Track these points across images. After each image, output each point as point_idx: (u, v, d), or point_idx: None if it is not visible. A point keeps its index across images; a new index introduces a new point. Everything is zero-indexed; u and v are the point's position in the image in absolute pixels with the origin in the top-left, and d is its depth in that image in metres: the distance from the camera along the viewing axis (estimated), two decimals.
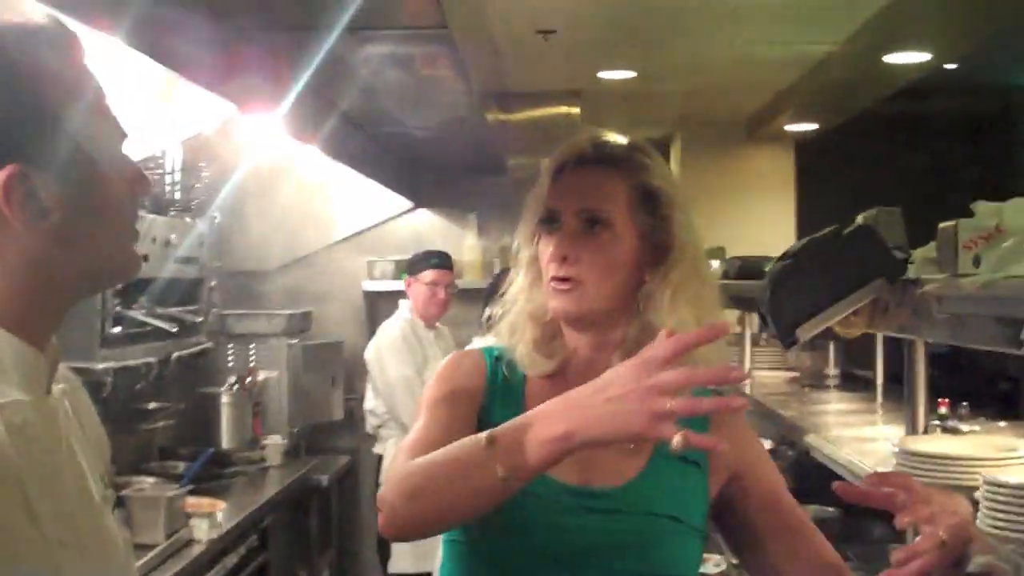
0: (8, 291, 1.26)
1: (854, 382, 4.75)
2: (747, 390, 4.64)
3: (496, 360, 1.93)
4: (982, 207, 2.14)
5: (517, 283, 1.94)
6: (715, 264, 4.97)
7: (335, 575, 6.19)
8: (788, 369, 5.11)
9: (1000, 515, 2.00)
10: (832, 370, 4.84)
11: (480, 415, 1.85)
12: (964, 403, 3.13)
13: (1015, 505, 1.95)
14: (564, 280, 1.81)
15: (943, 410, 3.00)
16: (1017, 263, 1.98)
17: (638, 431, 1.47)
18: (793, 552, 1.85)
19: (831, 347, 4.88)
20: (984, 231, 2.09)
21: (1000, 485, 2.01)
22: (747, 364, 4.73)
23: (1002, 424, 3.04)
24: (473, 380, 1.90)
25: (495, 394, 1.89)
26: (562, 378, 1.88)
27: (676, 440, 1.45)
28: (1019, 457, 2.33)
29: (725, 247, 5.19)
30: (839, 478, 2.98)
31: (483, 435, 1.58)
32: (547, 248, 1.84)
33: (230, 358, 5.83)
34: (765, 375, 4.93)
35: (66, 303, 1.34)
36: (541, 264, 1.87)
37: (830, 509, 3.90)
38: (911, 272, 2.46)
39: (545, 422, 1.53)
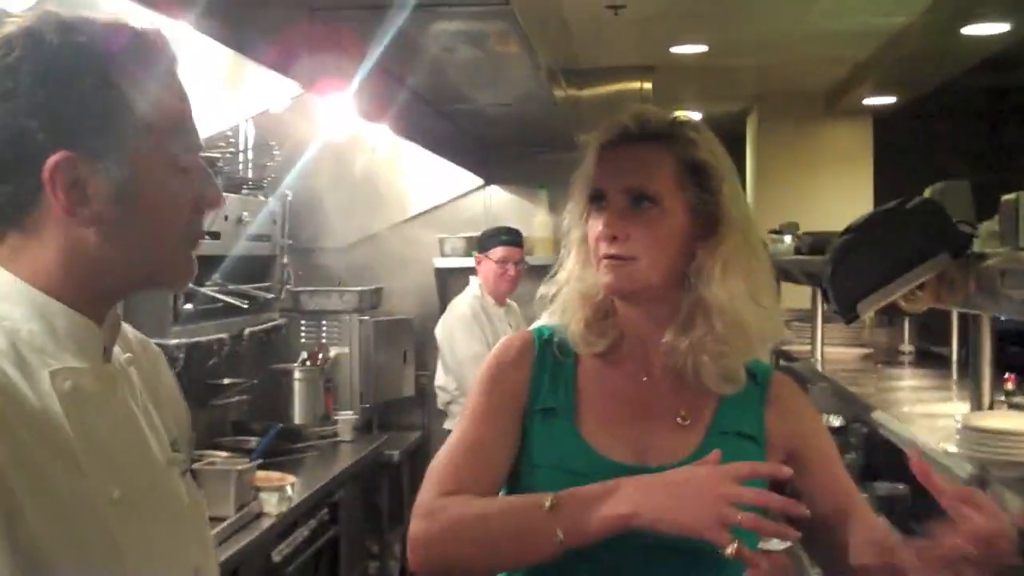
0: (60, 269, 1.32)
1: (929, 359, 4.68)
2: (818, 367, 4.59)
3: (546, 341, 1.93)
4: None
5: (568, 262, 1.94)
6: (787, 239, 4.93)
7: (407, 550, 6.23)
8: (862, 346, 5.04)
9: None
10: (907, 347, 4.77)
11: (530, 396, 1.87)
12: None
13: None
14: (615, 258, 1.80)
15: (1010, 386, 2.94)
16: None
17: (701, 531, 1.56)
18: (848, 530, 1.83)
19: (905, 323, 4.81)
20: None
21: None
22: (819, 341, 4.67)
23: None
24: (520, 366, 1.91)
25: (543, 375, 1.89)
26: (615, 356, 1.89)
27: (731, 549, 1.55)
28: None
29: (799, 222, 5.13)
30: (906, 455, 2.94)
31: (547, 498, 1.64)
32: (596, 226, 1.84)
33: (302, 334, 5.89)
34: (838, 351, 4.86)
35: (119, 290, 1.40)
36: (590, 243, 1.86)
37: (900, 486, 3.84)
38: (976, 246, 2.42)
39: (614, 499, 1.61)
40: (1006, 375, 2.93)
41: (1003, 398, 2.87)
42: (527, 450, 1.84)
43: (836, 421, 4.49)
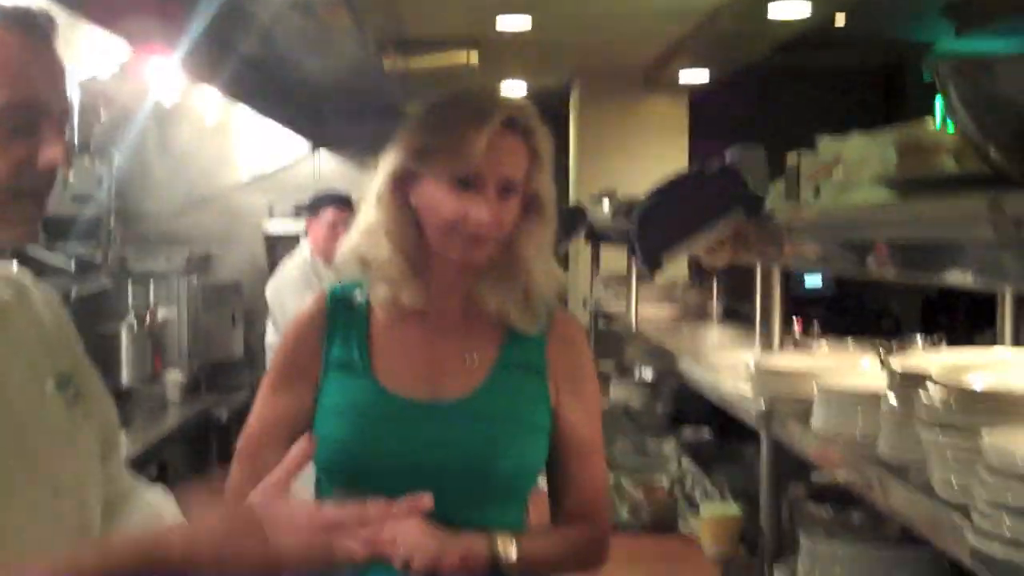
0: None
1: (736, 315, 4.97)
2: (633, 325, 4.85)
3: (339, 298, 2.06)
4: (824, 142, 2.34)
5: (377, 218, 2.00)
6: (606, 205, 5.19)
7: None
8: (673, 303, 5.33)
9: (832, 419, 2.21)
10: (715, 305, 5.07)
11: (324, 354, 2.00)
12: (815, 323, 3.38)
13: (844, 406, 2.17)
14: (480, 237, 1.94)
15: (797, 331, 3.22)
16: (850, 192, 2.18)
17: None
18: (573, 476, 2.03)
19: (714, 284, 5.11)
20: (824, 164, 2.29)
21: (830, 391, 2.23)
22: (633, 301, 4.93)
23: (849, 341, 3.25)
24: (313, 328, 2.03)
25: (336, 332, 2.02)
26: (409, 305, 2.00)
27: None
28: (856, 369, 2.54)
29: (617, 189, 5.41)
30: (714, 403, 3.19)
31: None
32: (465, 207, 1.92)
33: (130, 296, 5.90)
34: (652, 310, 5.14)
35: None
36: (447, 216, 1.94)
37: (705, 432, 4.14)
38: (767, 205, 2.67)
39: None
40: (793, 318, 3.21)
41: (791, 342, 3.14)
42: (323, 400, 1.99)
43: (648, 375, 4.77)
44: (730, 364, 3.26)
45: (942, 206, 1.74)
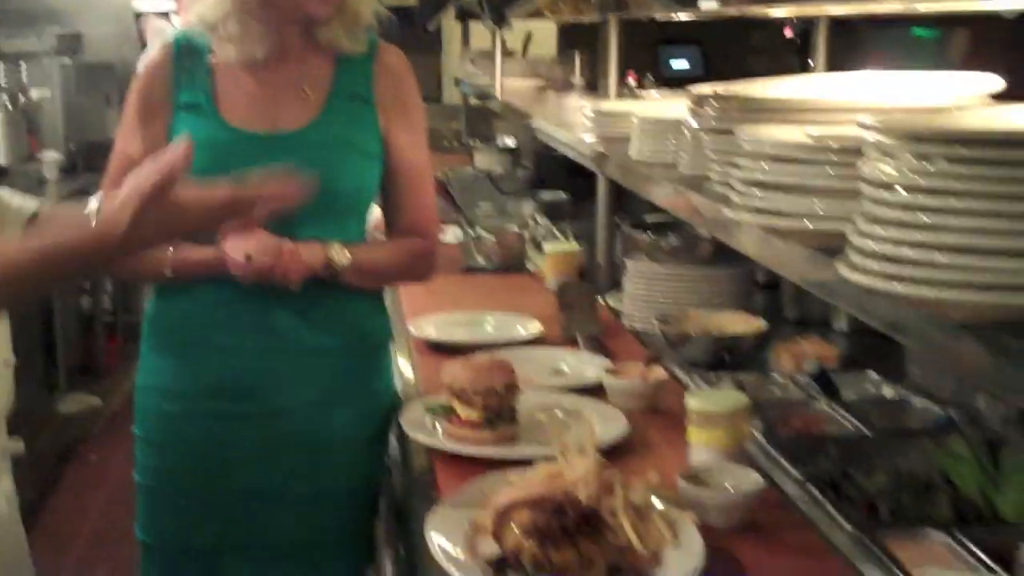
0: None
1: (597, 87, 5.18)
2: (499, 95, 5.04)
3: (183, 45, 2.20)
4: None
5: None
6: None
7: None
8: (539, 78, 5.52)
9: (647, 146, 2.46)
10: (577, 78, 5.27)
11: (172, 98, 2.16)
12: (649, 75, 3.60)
13: (658, 135, 2.41)
14: None
15: (631, 81, 3.44)
16: None
17: None
18: (403, 198, 2.24)
19: (576, 58, 5.31)
20: None
21: (644, 121, 2.47)
22: (498, 73, 5.11)
23: (678, 92, 3.48)
24: (160, 74, 2.18)
25: (182, 76, 2.17)
26: (249, 47, 2.15)
27: None
28: (673, 107, 2.77)
29: None
30: (574, 166, 3.41)
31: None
32: None
33: (2, 77, 5.89)
34: (518, 83, 5.33)
35: None
36: None
37: (562, 194, 4.39)
38: None
39: None
40: (627, 71, 3.42)
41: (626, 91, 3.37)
42: (174, 139, 2.11)
43: (511, 142, 4.99)
44: (575, 120, 3.48)
45: None
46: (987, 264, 1.13)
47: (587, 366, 2.46)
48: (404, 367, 2.59)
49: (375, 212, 2.33)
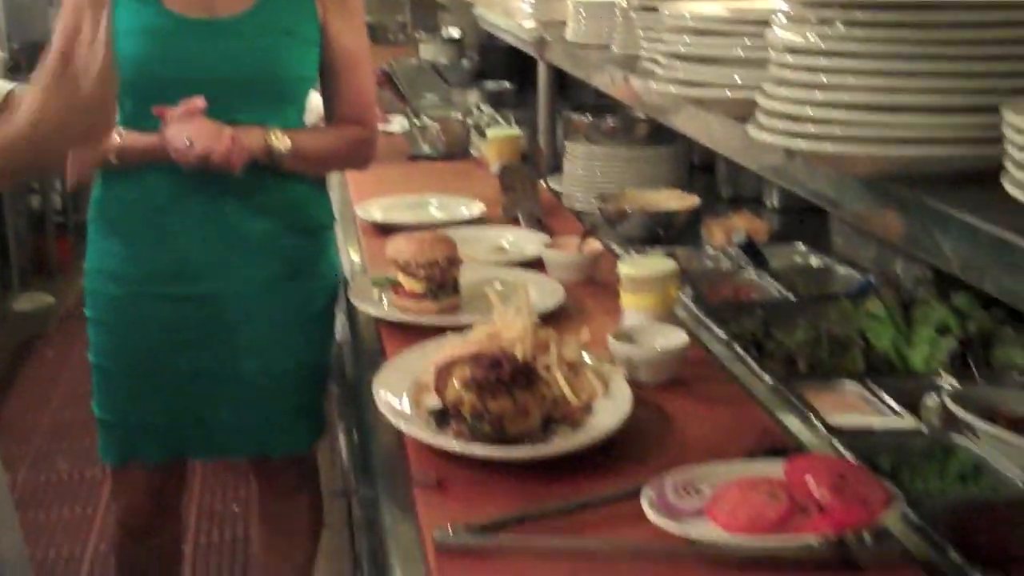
0: None
1: None
2: None
3: None
4: None
5: None
6: None
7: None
8: None
9: (583, 27, 2.52)
10: None
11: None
12: None
13: (593, 16, 2.48)
14: None
15: None
16: None
17: None
18: (342, 85, 2.30)
19: None
20: None
21: (579, 3, 2.53)
22: None
23: None
24: None
25: None
26: None
27: None
28: None
29: None
30: (518, 56, 3.45)
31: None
32: None
33: None
34: None
35: None
36: None
37: (506, 84, 4.45)
38: None
39: None
40: None
41: None
42: (117, 24, 2.15)
43: (456, 33, 5.02)
44: (516, 6, 3.51)
45: None
46: (882, 119, 1.23)
47: (527, 243, 2.56)
48: (352, 251, 2.68)
49: (316, 102, 2.39)
